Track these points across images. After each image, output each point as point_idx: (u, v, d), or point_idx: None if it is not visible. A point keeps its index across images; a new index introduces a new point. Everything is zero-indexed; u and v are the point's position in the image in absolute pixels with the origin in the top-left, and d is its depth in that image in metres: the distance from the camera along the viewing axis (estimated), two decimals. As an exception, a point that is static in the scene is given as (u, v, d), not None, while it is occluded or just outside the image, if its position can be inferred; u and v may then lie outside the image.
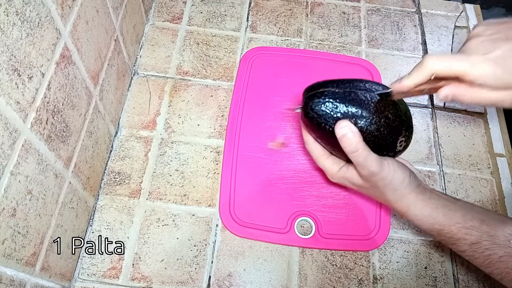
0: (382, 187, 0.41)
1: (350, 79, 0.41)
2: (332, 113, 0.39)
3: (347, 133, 0.38)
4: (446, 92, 0.36)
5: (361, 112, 0.39)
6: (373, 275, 0.49)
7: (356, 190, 0.45)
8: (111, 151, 0.54)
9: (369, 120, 0.39)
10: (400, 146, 0.42)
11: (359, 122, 0.39)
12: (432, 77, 0.35)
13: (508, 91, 0.34)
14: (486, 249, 0.36)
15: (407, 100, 0.62)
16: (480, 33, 0.35)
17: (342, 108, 0.39)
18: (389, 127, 0.40)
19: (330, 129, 0.40)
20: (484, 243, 0.37)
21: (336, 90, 0.40)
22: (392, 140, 0.41)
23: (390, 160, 0.41)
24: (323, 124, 0.40)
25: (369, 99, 0.39)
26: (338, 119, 0.39)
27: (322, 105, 0.40)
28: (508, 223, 0.37)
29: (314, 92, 0.41)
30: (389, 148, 0.41)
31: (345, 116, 0.39)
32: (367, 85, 0.41)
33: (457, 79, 0.35)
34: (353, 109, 0.39)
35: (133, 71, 0.61)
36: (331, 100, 0.40)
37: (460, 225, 0.38)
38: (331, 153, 0.44)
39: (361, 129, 0.39)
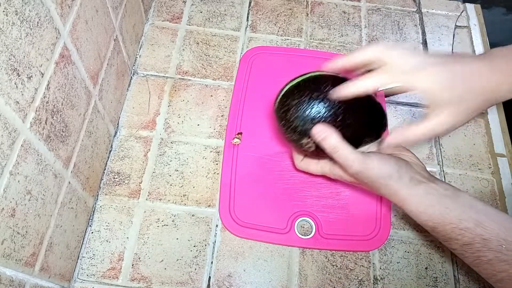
0: (371, 183, 0.40)
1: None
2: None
3: (324, 136, 0.39)
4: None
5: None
6: (374, 276, 0.49)
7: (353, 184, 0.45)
8: (110, 151, 0.54)
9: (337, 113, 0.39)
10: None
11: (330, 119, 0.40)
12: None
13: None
14: (477, 251, 0.36)
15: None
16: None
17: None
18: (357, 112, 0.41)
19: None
20: (476, 245, 0.36)
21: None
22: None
23: (375, 156, 0.40)
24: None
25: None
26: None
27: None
28: (504, 225, 0.36)
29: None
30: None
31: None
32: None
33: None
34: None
35: (132, 70, 0.61)
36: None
37: (454, 226, 0.37)
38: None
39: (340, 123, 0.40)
